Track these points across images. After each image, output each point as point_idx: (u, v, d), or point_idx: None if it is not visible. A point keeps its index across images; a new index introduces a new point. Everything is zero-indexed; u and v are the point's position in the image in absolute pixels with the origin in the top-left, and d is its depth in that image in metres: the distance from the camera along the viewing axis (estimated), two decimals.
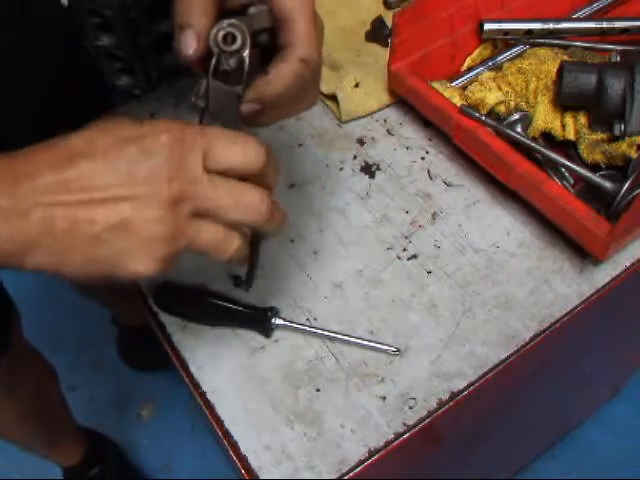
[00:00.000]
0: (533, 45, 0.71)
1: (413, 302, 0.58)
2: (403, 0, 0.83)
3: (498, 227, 0.62)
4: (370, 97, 0.73)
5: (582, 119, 0.65)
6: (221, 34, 0.40)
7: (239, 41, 0.41)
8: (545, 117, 0.66)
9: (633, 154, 0.60)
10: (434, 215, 0.64)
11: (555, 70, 0.66)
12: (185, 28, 0.40)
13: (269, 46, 0.45)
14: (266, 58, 0.45)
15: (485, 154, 0.62)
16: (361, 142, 0.71)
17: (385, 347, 0.54)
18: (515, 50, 0.72)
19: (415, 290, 0.59)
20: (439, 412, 0.52)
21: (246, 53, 0.41)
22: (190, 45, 0.40)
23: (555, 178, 0.64)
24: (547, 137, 0.68)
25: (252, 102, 0.43)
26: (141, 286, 0.61)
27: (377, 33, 0.80)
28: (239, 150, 0.39)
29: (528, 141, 0.63)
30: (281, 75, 0.42)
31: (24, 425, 1.04)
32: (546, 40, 0.71)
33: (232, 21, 0.41)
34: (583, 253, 0.59)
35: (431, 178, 0.67)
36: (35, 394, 1.03)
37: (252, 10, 0.43)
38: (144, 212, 0.36)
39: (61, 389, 1.15)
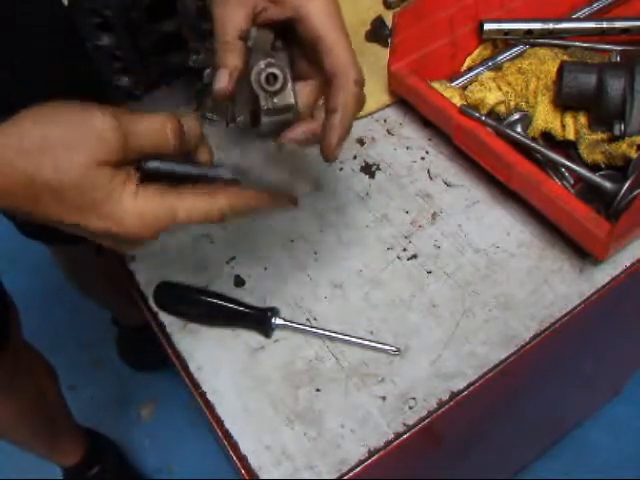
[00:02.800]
0: (533, 45, 0.71)
1: (413, 302, 0.58)
2: (403, 0, 0.83)
3: (498, 227, 0.62)
4: (370, 97, 0.72)
5: (582, 119, 0.65)
6: (263, 76, 0.43)
7: (281, 78, 0.43)
8: (545, 117, 0.66)
9: (633, 154, 0.60)
10: (434, 215, 0.64)
11: (555, 70, 0.66)
12: (219, 68, 0.44)
13: (286, 36, 0.47)
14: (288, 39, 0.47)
15: (485, 154, 0.62)
16: (361, 142, 0.71)
17: (385, 347, 0.54)
18: (515, 50, 0.72)
19: (415, 290, 0.59)
20: (439, 412, 0.52)
21: (289, 86, 0.43)
22: (222, 82, 0.44)
23: (555, 178, 0.64)
24: (547, 137, 0.68)
25: (338, 144, 0.45)
26: (141, 286, 0.61)
27: (377, 33, 0.80)
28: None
29: (528, 141, 0.63)
30: (348, 105, 0.45)
31: (24, 425, 1.04)
32: (546, 40, 0.71)
33: (268, 61, 0.43)
34: (583, 253, 0.59)
35: (431, 178, 0.67)
36: (35, 394, 1.03)
37: (253, 34, 0.44)
38: None
39: (61, 389, 1.15)
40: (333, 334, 0.56)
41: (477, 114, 0.63)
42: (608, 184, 0.58)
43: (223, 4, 0.45)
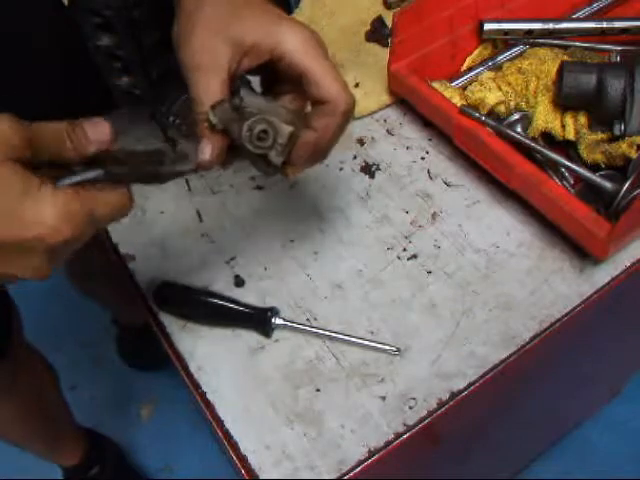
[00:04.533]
0: (533, 45, 0.71)
1: (413, 302, 0.58)
2: (403, 0, 0.83)
3: (498, 227, 0.62)
4: (370, 97, 0.73)
5: (582, 119, 0.65)
6: (255, 139, 0.43)
7: (270, 130, 0.43)
8: (545, 117, 0.66)
9: (633, 154, 0.60)
10: (434, 215, 0.64)
11: (555, 70, 0.66)
12: (201, 139, 0.44)
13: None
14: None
15: (485, 154, 0.62)
16: (361, 142, 0.71)
17: (385, 347, 0.54)
18: (515, 50, 0.72)
19: (415, 290, 0.59)
20: (439, 412, 0.52)
21: (277, 124, 0.43)
22: (206, 154, 0.44)
23: (555, 178, 0.64)
24: (547, 137, 0.68)
25: (305, 164, 0.46)
26: (141, 286, 0.61)
27: (377, 33, 0.80)
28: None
29: (528, 141, 0.63)
30: (328, 130, 0.45)
31: (24, 426, 1.04)
32: (546, 40, 0.71)
33: (248, 125, 0.43)
34: (583, 253, 0.59)
35: (431, 178, 0.67)
36: (35, 396, 1.03)
37: (213, 117, 0.44)
38: None
39: (61, 390, 1.15)
40: (333, 334, 0.56)
41: (477, 114, 0.63)
42: (608, 184, 0.58)
43: (197, 71, 0.44)
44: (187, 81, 0.45)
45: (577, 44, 0.70)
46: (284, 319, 0.56)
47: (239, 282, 0.60)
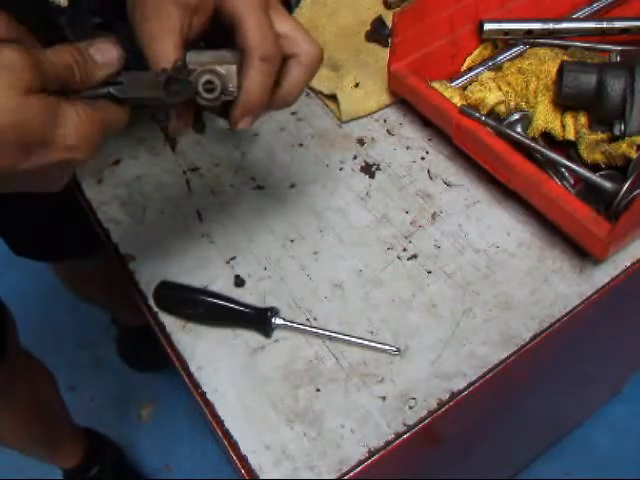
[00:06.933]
0: (533, 45, 0.71)
1: (413, 302, 0.58)
2: (403, 0, 0.83)
3: (498, 227, 0.62)
4: (370, 97, 0.73)
5: (582, 119, 0.65)
6: (203, 92, 0.43)
7: (218, 82, 0.43)
8: (545, 117, 0.66)
9: (633, 154, 0.60)
10: (434, 215, 0.64)
11: (555, 70, 0.66)
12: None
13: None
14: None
15: (485, 154, 0.62)
16: (361, 142, 0.71)
17: (385, 347, 0.54)
18: (515, 50, 0.72)
19: (415, 290, 0.59)
20: (439, 412, 0.52)
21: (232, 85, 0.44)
22: (173, 122, 0.46)
23: (555, 178, 0.64)
24: (547, 137, 0.68)
25: (244, 118, 0.46)
26: (141, 286, 0.61)
27: (377, 33, 0.80)
28: None
29: (528, 141, 0.63)
30: (252, 81, 0.44)
31: (23, 431, 1.04)
32: (546, 40, 0.71)
33: (196, 73, 0.43)
34: (583, 253, 0.59)
35: (431, 178, 0.67)
36: (33, 401, 1.02)
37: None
38: None
39: (60, 394, 1.15)
40: (333, 334, 0.56)
41: (477, 114, 0.63)
42: (608, 184, 0.58)
43: (151, 39, 0.44)
44: (144, 52, 0.44)
45: (577, 44, 0.70)
46: (284, 319, 0.56)
47: (239, 282, 0.60)
